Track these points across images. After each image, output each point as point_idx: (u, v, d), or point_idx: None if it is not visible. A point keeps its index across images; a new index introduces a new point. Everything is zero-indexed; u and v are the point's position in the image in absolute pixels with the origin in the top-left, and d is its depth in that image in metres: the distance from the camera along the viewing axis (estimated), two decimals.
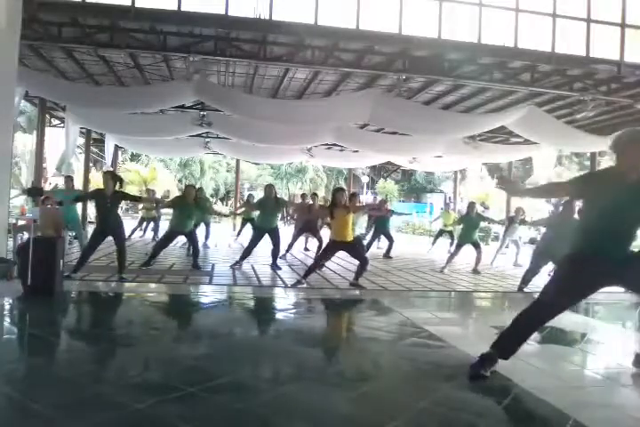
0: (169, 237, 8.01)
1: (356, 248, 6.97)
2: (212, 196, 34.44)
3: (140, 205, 12.60)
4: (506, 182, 3.27)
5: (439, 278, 8.08)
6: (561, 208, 6.94)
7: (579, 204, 4.74)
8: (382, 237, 11.94)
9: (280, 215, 9.28)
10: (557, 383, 3.11)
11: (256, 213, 9.17)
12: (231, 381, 2.93)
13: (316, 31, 7.45)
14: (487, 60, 8.52)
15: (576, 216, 6.26)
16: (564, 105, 10.90)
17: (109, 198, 6.38)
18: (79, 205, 9.15)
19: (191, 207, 7.82)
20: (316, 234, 10.01)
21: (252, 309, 5.65)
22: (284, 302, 6.14)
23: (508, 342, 3.19)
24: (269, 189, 8.65)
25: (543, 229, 8.13)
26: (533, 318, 3.17)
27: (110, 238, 6.52)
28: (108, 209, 6.43)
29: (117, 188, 6.55)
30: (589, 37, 8.11)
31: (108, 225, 6.43)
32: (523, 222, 9.90)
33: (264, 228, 8.43)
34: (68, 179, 9.30)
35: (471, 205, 9.64)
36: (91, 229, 9.58)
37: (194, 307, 5.52)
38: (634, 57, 8.28)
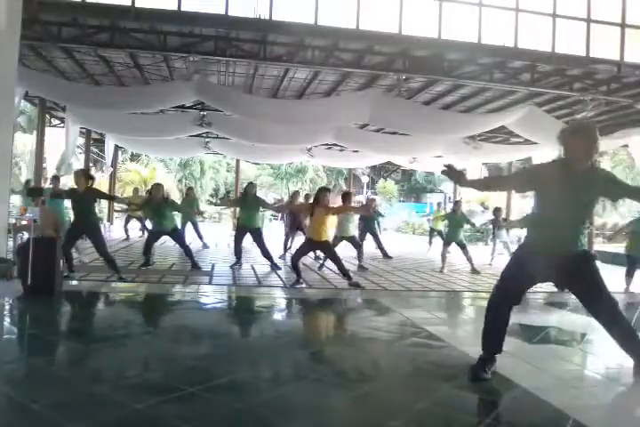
0: (151, 237, 8.02)
1: (329, 249, 6.92)
2: (211, 196, 34.42)
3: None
4: (452, 171, 3.28)
5: (439, 278, 8.07)
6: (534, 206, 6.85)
7: None
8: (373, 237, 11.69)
9: (280, 216, 9.25)
10: (557, 383, 3.10)
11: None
12: (231, 381, 2.93)
13: (316, 31, 7.45)
14: (487, 60, 8.52)
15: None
16: (564, 105, 10.90)
17: (81, 196, 6.37)
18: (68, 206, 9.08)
19: (161, 207, 7.72)
20: (303, 231, 10.02)
21: (252, 309, 5.64)
22: (284, 302, 6.14)
23: (490, 339, 3.20)
24: (250, 186, 8.70)
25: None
26: (498, 306, 3.21)
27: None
28: (81, 206, 6.38)
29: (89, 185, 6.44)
30: (589, 37, 8.11)
31: (82, 223, 6.37)
32: (501, 222, 9.89)
33: (245, 226, 8.42)
34: (55, 179, 9.23)
35: (457, 204, 9.65)
36: None
37: (194, 307, 5.51)
38: (634, 57, 8.28)
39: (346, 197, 8.32)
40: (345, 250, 8.95)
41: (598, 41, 8.19)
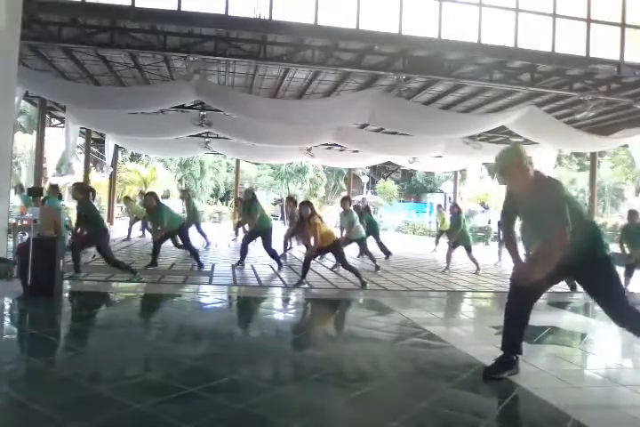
0: (167, 237, 8.27)
1: (336, 252, 6.95)
2: (212, 196, 34.41)
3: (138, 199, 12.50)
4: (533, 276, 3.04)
5: (439, 278, 8.07)
6: None
7: None
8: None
9: (280, 216, 9.33)
10: (557, 383, 3.10)
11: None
12: (231, 381, 2.93)
13: (316, 31, 7.45)
14: (487, 60, 8.52)
15: None
16: (564, 105, 10.90)
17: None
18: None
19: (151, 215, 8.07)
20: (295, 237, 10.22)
21: (252, 309, 5.65)
22: (284, 302, 6.14)
23: (510, 339, 3.20)
24: (244, 193, 9.13)
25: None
26: (516, 306, 3.24)
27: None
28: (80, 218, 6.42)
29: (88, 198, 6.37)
30: (589, 37, 8.11)
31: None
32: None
33: (256, 228, 8.53)
34: (52, 187, 8.83)
35: (456, 207, 9.50)
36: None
37: (194, 307, 5.51)
38: (634, 57, 8.28)
39: (343, 201, 8.87)
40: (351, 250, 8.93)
41: (598, 41, 8.19)
